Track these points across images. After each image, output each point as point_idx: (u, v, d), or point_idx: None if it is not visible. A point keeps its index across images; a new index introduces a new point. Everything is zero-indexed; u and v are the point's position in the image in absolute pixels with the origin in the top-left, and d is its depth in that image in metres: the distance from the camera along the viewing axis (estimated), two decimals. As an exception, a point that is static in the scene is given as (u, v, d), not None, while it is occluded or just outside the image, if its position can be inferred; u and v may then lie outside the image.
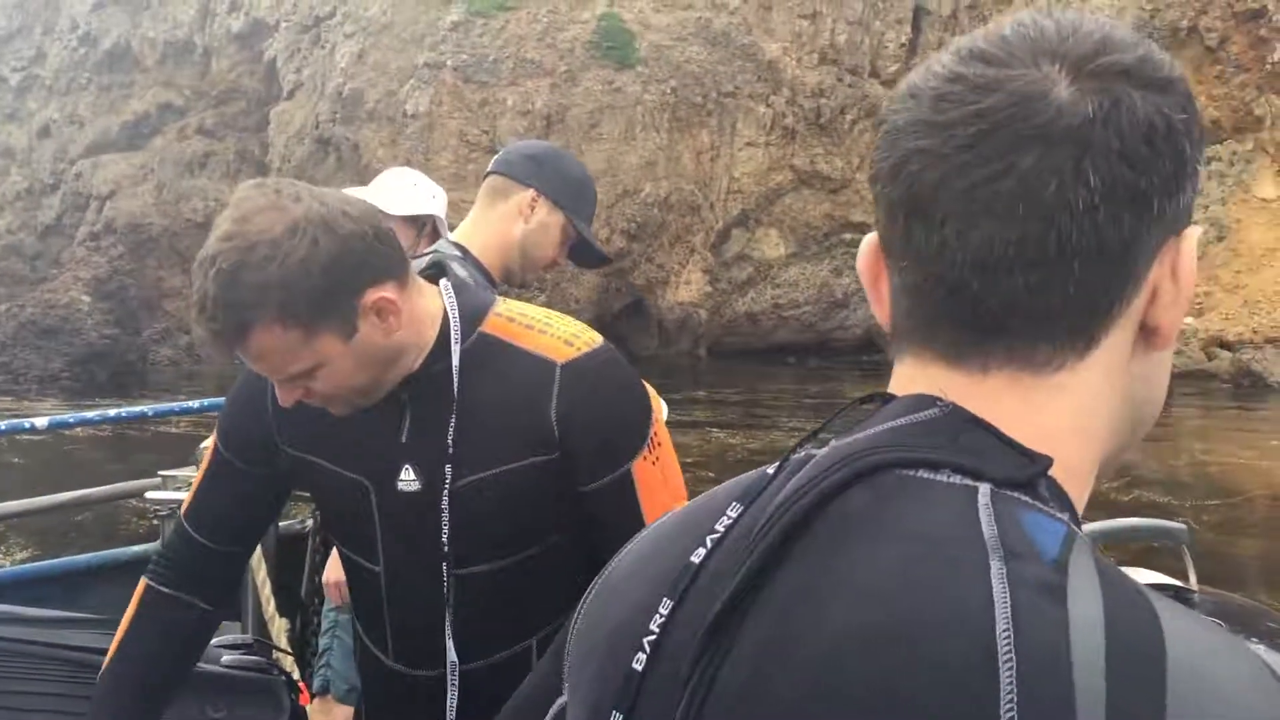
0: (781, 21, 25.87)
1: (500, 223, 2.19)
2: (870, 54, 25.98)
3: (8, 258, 34.22)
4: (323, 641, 3.12)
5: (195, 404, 4.08)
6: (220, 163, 32.61)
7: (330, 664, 3.05)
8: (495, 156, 2.29)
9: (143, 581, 1.69)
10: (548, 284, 21.35)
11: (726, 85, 24.92)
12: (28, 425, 3.85)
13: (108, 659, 1.64)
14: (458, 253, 2.13)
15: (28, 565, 4.55)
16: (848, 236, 25.96)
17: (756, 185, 24.99)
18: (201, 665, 1.91)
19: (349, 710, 2.96)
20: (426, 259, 1.92)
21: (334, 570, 2.79)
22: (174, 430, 12.67)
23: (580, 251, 2.29)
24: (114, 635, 1.85)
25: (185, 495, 3.11)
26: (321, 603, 3.16)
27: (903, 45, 26.00)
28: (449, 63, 25.18)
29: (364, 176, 24.01)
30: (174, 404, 4.22)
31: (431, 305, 1.49)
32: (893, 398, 0.69)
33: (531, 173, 2.18)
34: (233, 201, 1.37)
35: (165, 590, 1.66)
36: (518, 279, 2.28)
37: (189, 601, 1.66)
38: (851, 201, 25.82)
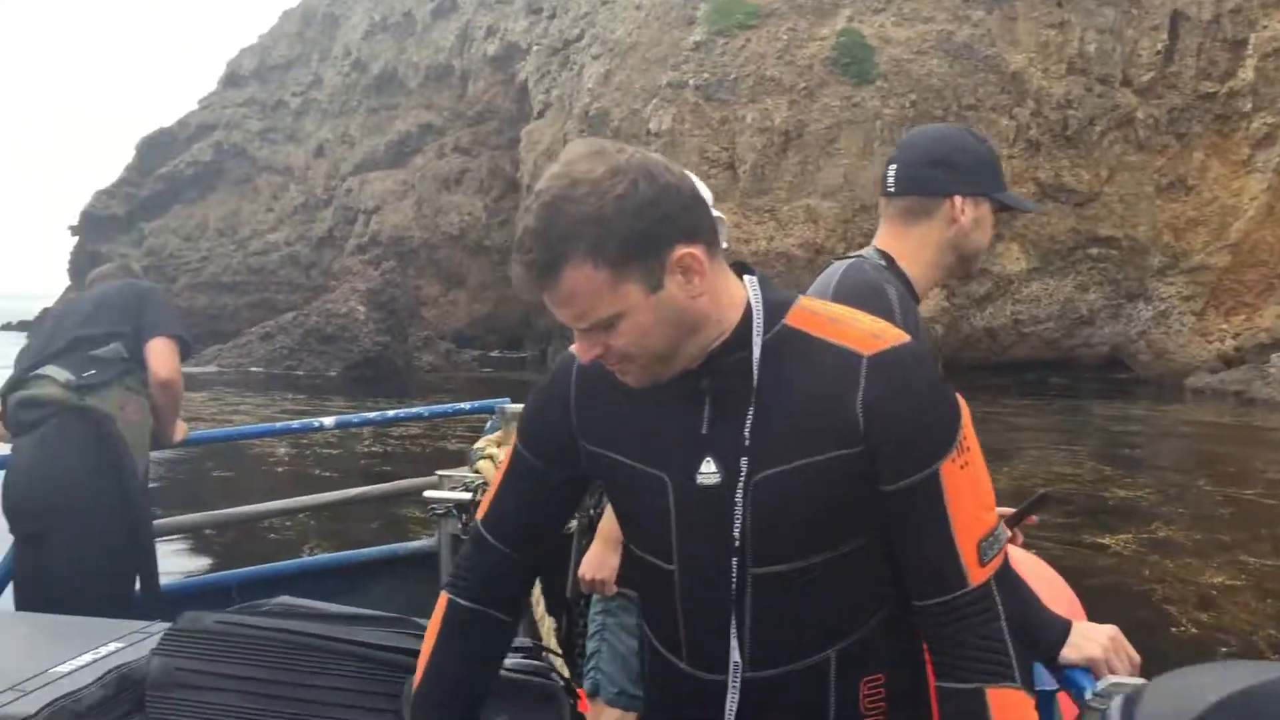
0: (1027, 32, 25.28)
1: (927, 236, 2.09)
2: (1122, 62, 25.05)
3: (286, 266, 37.36)
4: (590, 644, 3.03)
5: (468, 405, 4.27)
6: (474, 179, 34.54)
7: (599, 666, 2.97)
8: (891, 173, 2.15)
9: (443, 597, 1.64)
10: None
11: (968, 98, 24.57)
12: (317, 425, 4.17)
13: (418, 678, 1.63)
14: (882, 261, 2.10)
15: (314, 557, 4.97)
16: (1094, 251, 25.12)
17: (998, 199, 24.53)
18: None
19: (620, 714, 2.93)
20: (844, 262, 2.06)
21: (590, 566, 2.82)
22: (443, 433, 13.76)
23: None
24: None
25: (460, 494, 3.38)
26: (587, 603, 3.12)
27: (1158, 53, 24.94)
28: (691, 82, 25.82)
29: (608, 193, 24.91)
30: (449, 405, 4.41)
31: (736, 291, 1.45)
32: None
33: (944, 181, 2.08)
34: (563, 152, 1.38)
35: (467, 604, 1.62)
36: (961, 274, 2.21)
37: (492, 615, 1.62)
38: (1099, 215, 24.97)
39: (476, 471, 3.39)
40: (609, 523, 2.69)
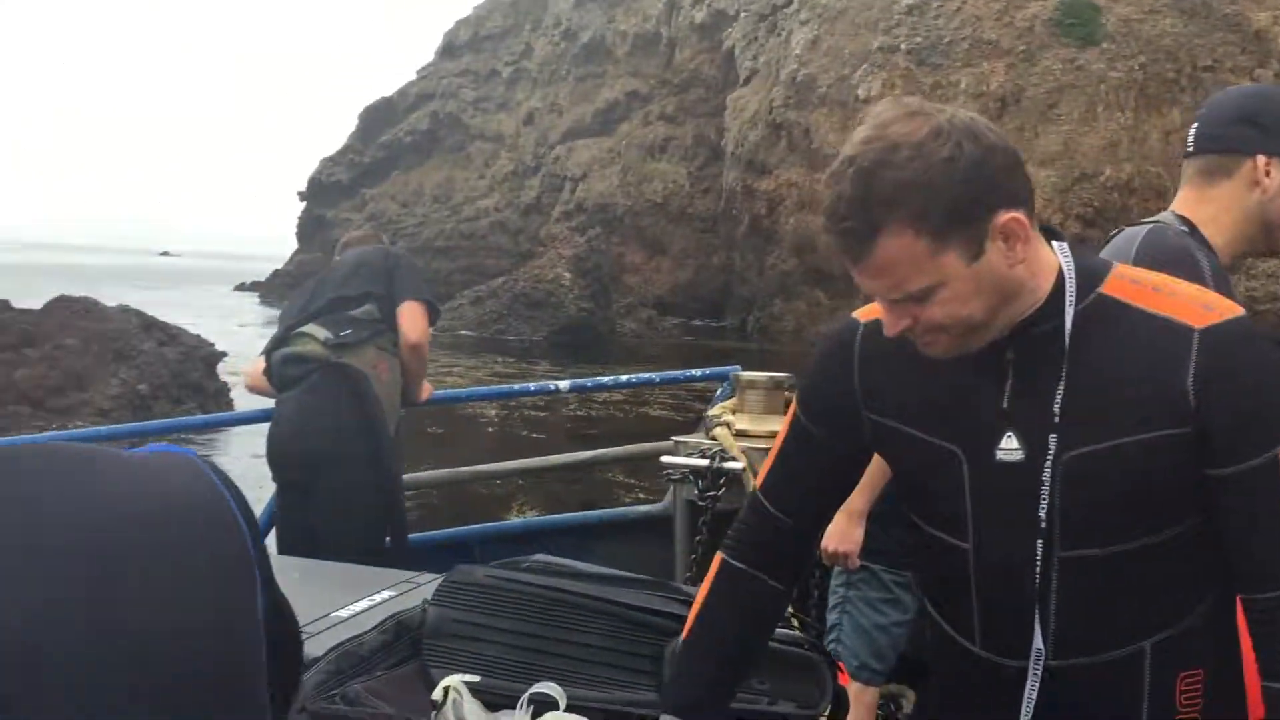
0: (1274, -13, 23.50)
1: (1228, 198, 1.93)
2: (1384, 18, 22.99)
3: (495, 232, 38.49)
4: (831, 616, 3.04)
5: (699, 372, 4.37)
6: (679, 147, 34.64)
7: (840, 639, 2.97)
8: (1192, 131, 2.00)
9: (718, 557, 1.65)
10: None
11: (1204, 59, 23.01)
12: (553, 388, 4.35)
13: (687, 629, 1.65)
14: (1184, 227, 1.94)
15: (546, 517, 5.12)
16: (1343, 224, 23.25)
17: (1234, 167, 23.01)
18: None
19: (860, 688, 2.93)
20: (1140, 228, 1.94)
21: (833, 539, 2.74)
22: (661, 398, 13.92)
23: None
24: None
25: (696, 461, 3.42)
26: (824, 575, 3.10)
27: None
28: (903, 46, 25.14)
29: (813, 161, 24.71)
30: (680, 371, 4.53)
31: (1048, 257, 1.37)
32: None
33: (1247, 139, 1.91)
34: (871, 114, 1.31)
35: (740, 567, 1.61)
36: (1266, 248, 2.05)
37: (763, 580, 1.60)
38: (1350, 185, 23.08)
39: (713, 438, 3.40)
40: (853, 494, 2.64)
